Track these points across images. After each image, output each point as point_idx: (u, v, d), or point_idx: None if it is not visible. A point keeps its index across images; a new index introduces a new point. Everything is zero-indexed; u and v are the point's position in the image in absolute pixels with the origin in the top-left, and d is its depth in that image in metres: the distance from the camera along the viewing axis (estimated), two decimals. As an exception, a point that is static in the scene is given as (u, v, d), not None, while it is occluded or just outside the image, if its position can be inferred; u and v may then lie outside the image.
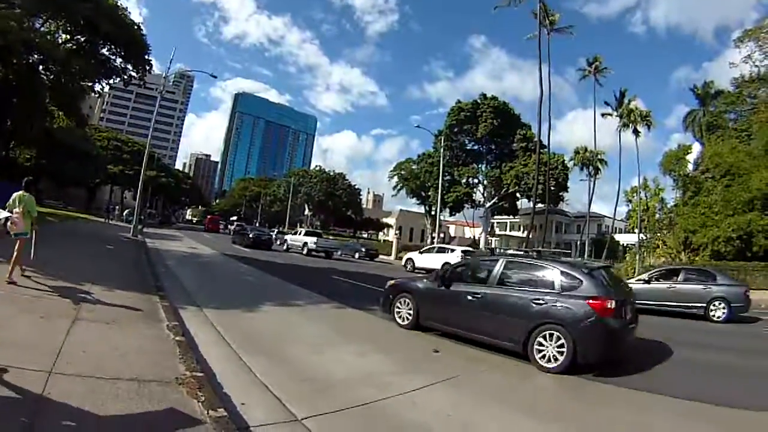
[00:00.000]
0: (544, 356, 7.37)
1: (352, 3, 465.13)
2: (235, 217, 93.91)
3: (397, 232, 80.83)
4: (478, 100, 61.16)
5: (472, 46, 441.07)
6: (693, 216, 34.08)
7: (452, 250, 29.99)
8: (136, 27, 31.89)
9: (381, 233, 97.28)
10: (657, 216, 48.91)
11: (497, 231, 78.00)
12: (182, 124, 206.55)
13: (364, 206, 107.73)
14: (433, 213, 69.72)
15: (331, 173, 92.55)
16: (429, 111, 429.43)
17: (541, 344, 7.45)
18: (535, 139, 59.63)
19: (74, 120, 34.91)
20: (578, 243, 70.10)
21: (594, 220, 67.50)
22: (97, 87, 33.09)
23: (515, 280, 8.43)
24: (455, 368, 7.13)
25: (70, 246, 13.31)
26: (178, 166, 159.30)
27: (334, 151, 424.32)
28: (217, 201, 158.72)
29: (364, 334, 9.26)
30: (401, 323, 9.61)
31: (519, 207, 67.07)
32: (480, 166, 64.83)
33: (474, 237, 77.76)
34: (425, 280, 9.94)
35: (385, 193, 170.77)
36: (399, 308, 9.76)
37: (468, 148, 64.02)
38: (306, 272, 21.66)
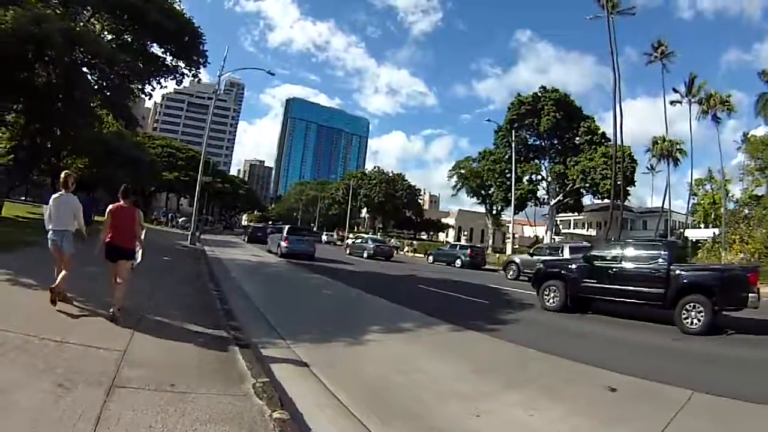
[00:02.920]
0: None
1: (395, 4, 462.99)
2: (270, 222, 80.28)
3: (466, 233, 78.90)
4: (539, 93, 58.87)
5: (519, 40, 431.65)
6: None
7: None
8: (186, 16, 28.61)
9: (441, 234, 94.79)
10: (729, 209, 45.58)
11: (561, 229, 74.72)
12: (235, 131, 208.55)
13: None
14: (494, 212, 67.55)
15: (390, 174, 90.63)
16: (479, 109, 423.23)
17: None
18: (600, 131, 57.15)
19: (124, 122, 32.90)
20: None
21: (658, 215, 63.70)
22: (148, 88, 29.41)
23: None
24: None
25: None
26: (233, 172, 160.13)
27: (383, 153, 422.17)
28: (273, 206, 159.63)
29: (512, 369, 6.98)
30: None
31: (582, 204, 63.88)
32: (542, 162, 62.12)
33: (536, 236, 74.95)
34: None
35: (440, 194, 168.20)
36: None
37: (529, 143, 61.40)
38: (384, 281, 19.77)
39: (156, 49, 28.43)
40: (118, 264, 7.16)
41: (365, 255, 34.84)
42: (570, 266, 13.28)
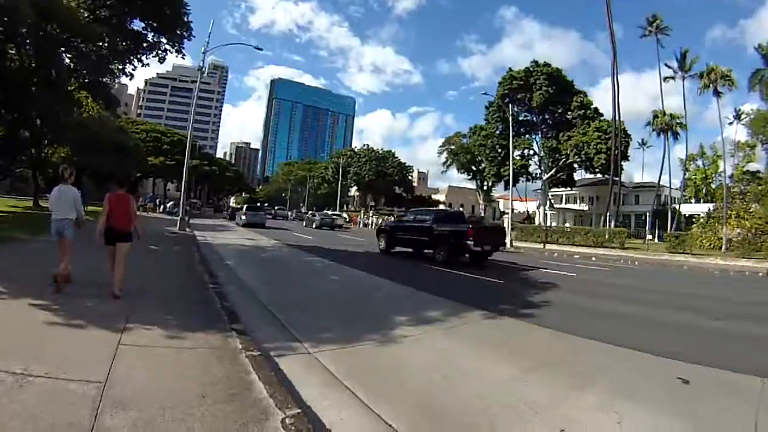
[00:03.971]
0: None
1: None
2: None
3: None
4: (530, 68, 57.92)
5: (503, 17, 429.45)
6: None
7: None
8: None
9: None
10: (722, 184, 45.50)
11: (554, 204, 74.24)
12: (220, 114, 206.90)
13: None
14: (485, 188, 67.00)
15: (380, 151, 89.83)
16: (464, 86, 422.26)
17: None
18: (593, 105, 56.53)
19: (104, 104, 31.15)
20: (636, 215, 66.09)
21: (651, 190, 63.53)
22: (129, 68, 26.80)
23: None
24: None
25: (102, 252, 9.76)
26: (219, 156, 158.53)
27: (369, 132, 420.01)
28: (261, 187, 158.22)
29: (568, 363, 6.12)
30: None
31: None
32: (535, 137, 61.41)
33: (527, 211, 74.55)
34: None
35: (429, 170, 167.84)
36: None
37: (520, 118, 60.64)
38: (385, 260, 19.34)
39: (136, 25, 26.19)
40: (117, 246, 7.95)
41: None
42: (389, 226, 23.74)
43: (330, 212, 57.19)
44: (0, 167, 48.79)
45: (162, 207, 60.63)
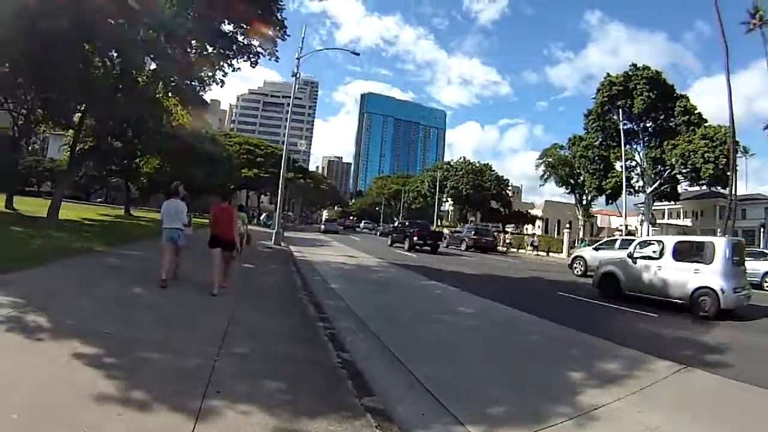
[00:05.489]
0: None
1: None
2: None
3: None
4: (629, 72, 54.71)
5: (588, 22, 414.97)
6: None
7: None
8: None
9: (529, 226, 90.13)
10: None
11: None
12: (312, 128, 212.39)
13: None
14: (584, 202, 63.78)
15: (477, 164, 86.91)
16: (553, 96, 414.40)
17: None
18: (697, 111, 52.72)
19: (193, 106, 28.35)
20: (744, 231, 60.68)
21: (761, 203, 58.26)
22: (219, 74, 24.52)
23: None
24: None
25: (197, 264, 10.27)
26: (311, 169, 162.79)
27: (458, 144, 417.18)
28: (353, 201, 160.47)
29: None
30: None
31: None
32: (636, 146, 57.87)
33: (626, 227, 70.12)
34: None
35: (523, 184, 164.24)
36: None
37: (620, 127, 57.32)
38: (516, 288, 17.98)
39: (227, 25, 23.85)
40: (221, 253, 9.59)
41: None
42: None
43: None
44: (93, 177, 51.87)
45: (255, 219, 62.42)
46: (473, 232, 43.86)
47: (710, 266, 12.06)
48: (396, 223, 54.10)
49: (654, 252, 13.84)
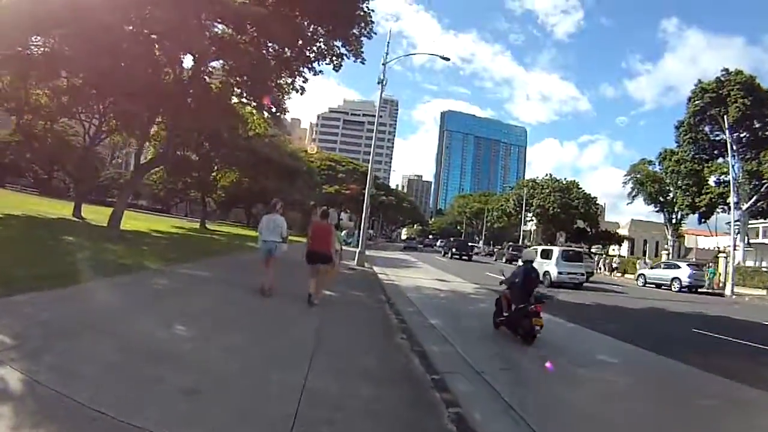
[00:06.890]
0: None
1: (532, 8, 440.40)
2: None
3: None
4: (721, 78, 51.00)
5: (665, 30, 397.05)
6: None
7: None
8: None
9: (615, 247, 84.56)
10: None
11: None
12: (392, 146, 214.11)
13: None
14: (673, 221, 59.46)
15: (564, 182, 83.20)
16: (633, 110, 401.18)
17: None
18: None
19: (271, 118, 26.31)
20: None
21: None
22: (298, 81, 22.45)
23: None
24: None
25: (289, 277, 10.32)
26: (392, 187, 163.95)
27: (537, 162, 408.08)
28: (433, 219, 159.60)
29: None
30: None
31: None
32: (731, 159, 53.43)
33: (717, 247, 63.98)
34: None
35: (606, 202, 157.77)
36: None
37: (713, 138, 53.38)
38: (643, 320, 16.64)
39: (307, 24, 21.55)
40: (319, 267, 10.23)
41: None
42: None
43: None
44: (172, 189, 53.15)
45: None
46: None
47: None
48: (445, 241, 69.71)
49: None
